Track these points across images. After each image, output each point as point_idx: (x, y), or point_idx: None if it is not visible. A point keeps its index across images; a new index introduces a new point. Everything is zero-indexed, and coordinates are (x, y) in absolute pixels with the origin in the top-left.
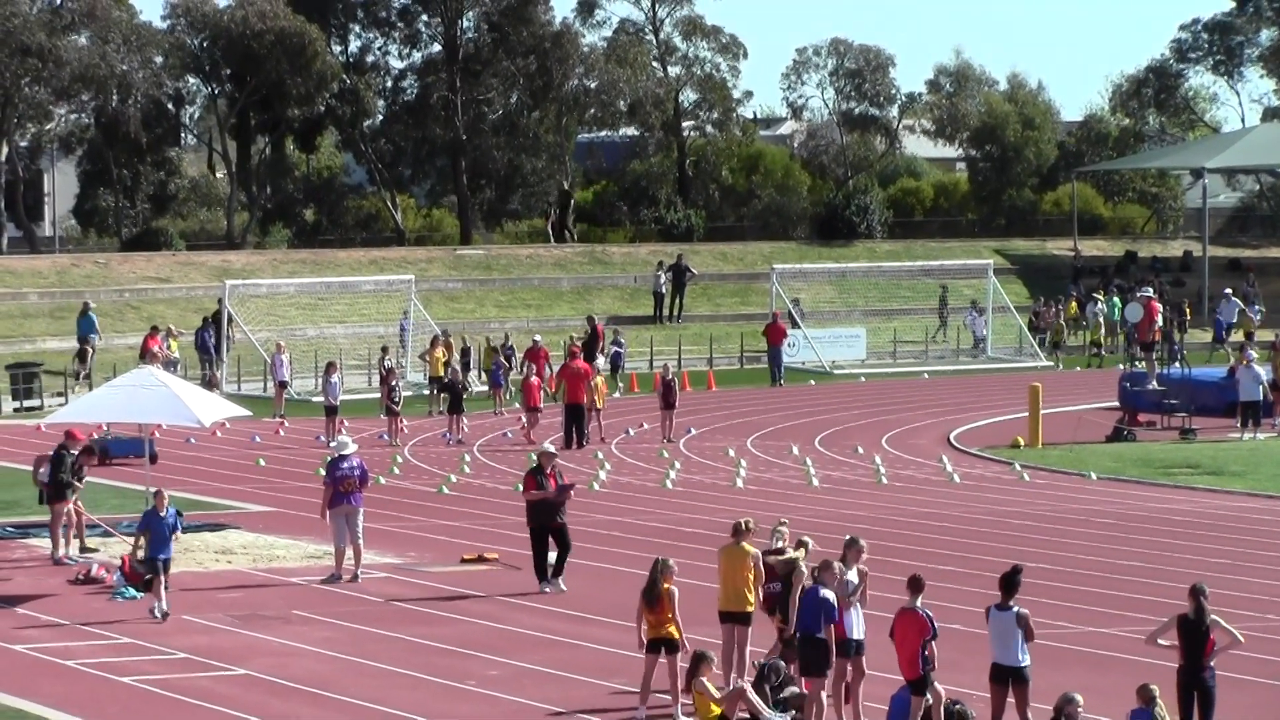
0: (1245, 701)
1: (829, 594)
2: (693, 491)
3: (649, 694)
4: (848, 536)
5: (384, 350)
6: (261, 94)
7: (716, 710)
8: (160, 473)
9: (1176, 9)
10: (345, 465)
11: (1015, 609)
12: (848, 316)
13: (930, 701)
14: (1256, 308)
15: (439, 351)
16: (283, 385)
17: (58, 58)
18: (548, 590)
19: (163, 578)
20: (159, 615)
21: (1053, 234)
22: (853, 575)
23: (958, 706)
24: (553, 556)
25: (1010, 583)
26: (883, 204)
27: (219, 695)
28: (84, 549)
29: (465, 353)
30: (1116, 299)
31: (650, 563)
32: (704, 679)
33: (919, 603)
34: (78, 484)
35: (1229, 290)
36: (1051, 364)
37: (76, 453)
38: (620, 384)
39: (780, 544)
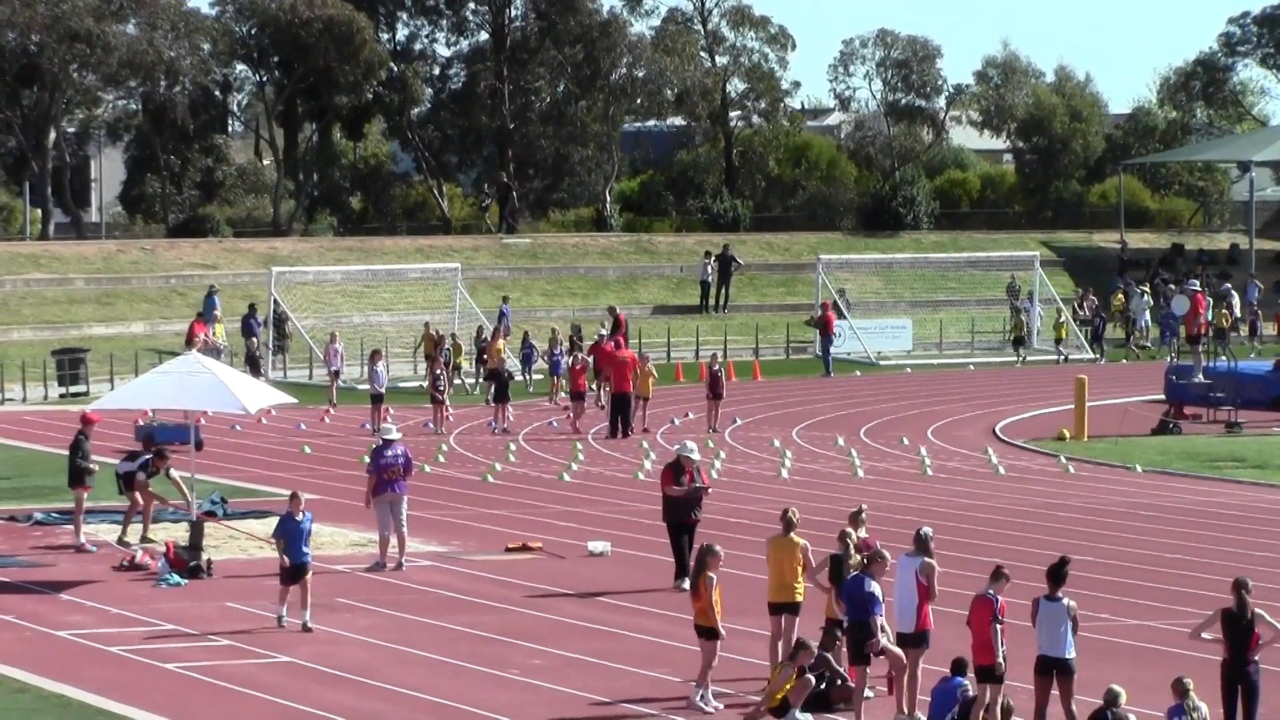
0: None
1: (876, 587)
2: (738, 482)
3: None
4: (920, 530)
5: (441, 338)
6: (309, 81)
7: (779, 696)
8: (206, 459)
9: (1226, 2)
10: (390, 453)
11: (1065, 601)
12: (894, 308)
13: (987, 699)
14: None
15: (500, 343)
16: (336, 374)
17: (106, 44)
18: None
19: (303, 585)
20: (302, 626)
21: (1099, 226)
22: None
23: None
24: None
25: (1058, 574)
26: (929, 195)
27: (263, 682)
28: (144, 538)
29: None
30: (1147, 292)
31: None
32: (787, 661)
33: (990, 589)
34: (145, 474)
35: (1228, 286)
36: (1095, 356)
37: (148, 456)
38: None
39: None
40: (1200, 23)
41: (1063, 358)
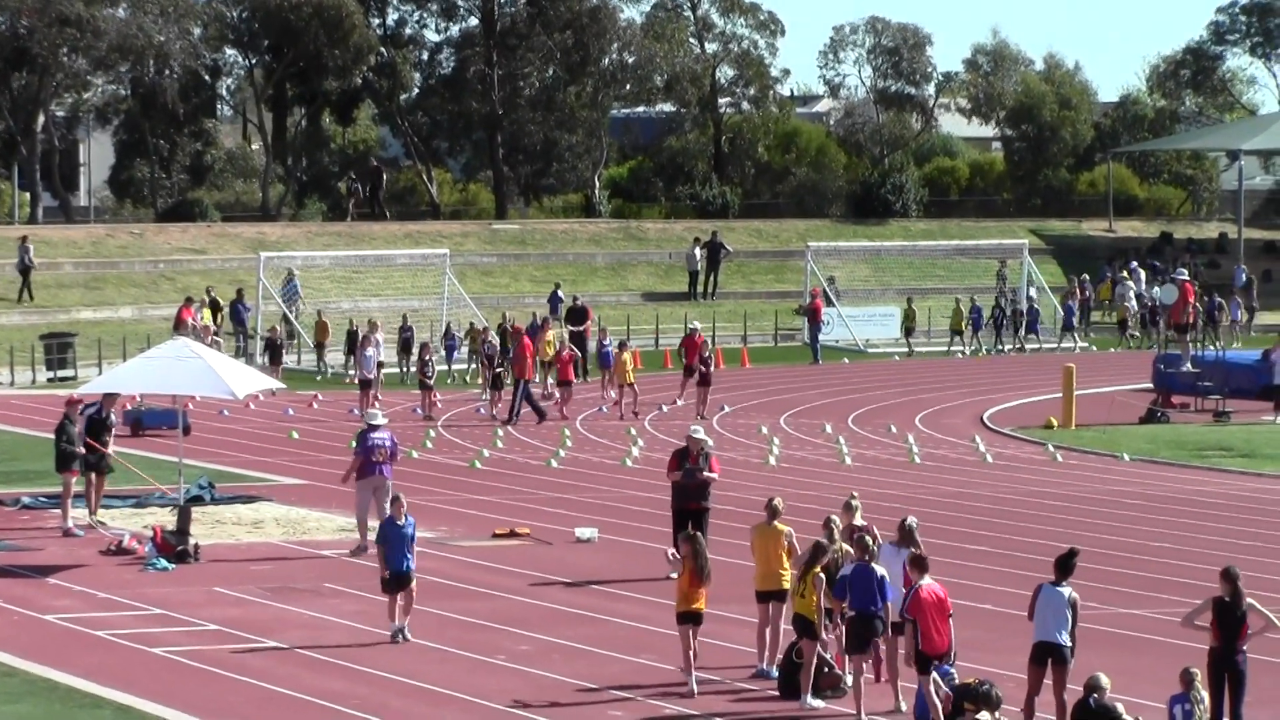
0: (1279, 684)
1: (884, 571)
2: (726, 469)
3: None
4: (905, 519)
5: (477, 329)
6: (299, 66)
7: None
8: (193, 444)
9: None
10: (375, 436)
11: (1067, 591)
12: (882, 295)
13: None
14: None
15: (550, 335)
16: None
17: (95, 28)
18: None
19: (408, 593)
20: (401, 638)
21: (1088, 214)
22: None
23: (985, 687)
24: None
25: (1065, 565)
26: (918, 183)
27: (250, 667)
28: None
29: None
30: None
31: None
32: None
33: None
34: (101, 447)
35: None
36: (1086, 344)
37: (104, 415)
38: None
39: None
40: (1189, 11)
41: (959, 352)
